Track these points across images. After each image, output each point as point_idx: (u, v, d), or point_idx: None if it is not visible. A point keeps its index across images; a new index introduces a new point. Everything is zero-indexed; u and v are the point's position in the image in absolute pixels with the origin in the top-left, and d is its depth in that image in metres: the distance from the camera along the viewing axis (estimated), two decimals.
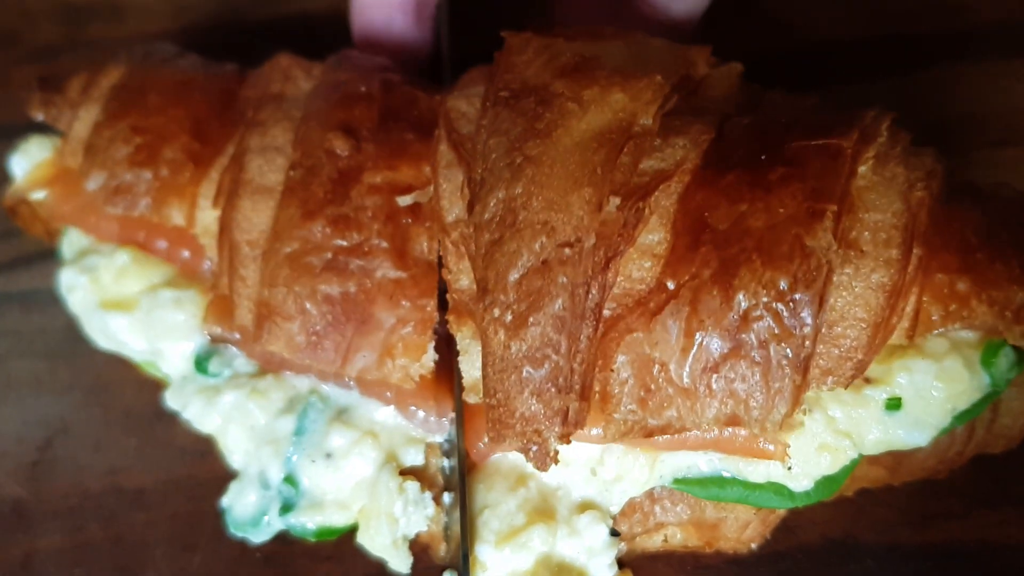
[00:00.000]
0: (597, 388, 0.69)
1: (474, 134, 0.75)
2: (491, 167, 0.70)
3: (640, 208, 0.68)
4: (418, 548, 0.82)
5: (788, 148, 0.69)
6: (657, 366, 0.67)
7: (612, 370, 0.68)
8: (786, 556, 0.82)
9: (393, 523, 0.79)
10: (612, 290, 0.68)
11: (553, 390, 0.65)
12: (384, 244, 0.76)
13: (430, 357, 0.76)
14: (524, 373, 0.65)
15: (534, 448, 0.66)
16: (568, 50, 0.75)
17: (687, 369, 0.67)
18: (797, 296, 0.65)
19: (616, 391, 0.68)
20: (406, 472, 0.81)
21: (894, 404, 0.73)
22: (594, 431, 0.70)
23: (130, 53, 0.93)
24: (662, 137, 0.71)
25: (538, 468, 0.67)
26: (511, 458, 0.80)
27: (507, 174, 0.68)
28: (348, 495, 0.81)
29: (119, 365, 0.92)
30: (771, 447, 0.72)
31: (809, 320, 0.65)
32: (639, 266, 0.69)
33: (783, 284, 0.65)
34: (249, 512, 0.82)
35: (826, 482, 0.75)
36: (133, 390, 0.92)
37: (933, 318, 0.71)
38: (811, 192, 0.67)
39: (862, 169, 0.70)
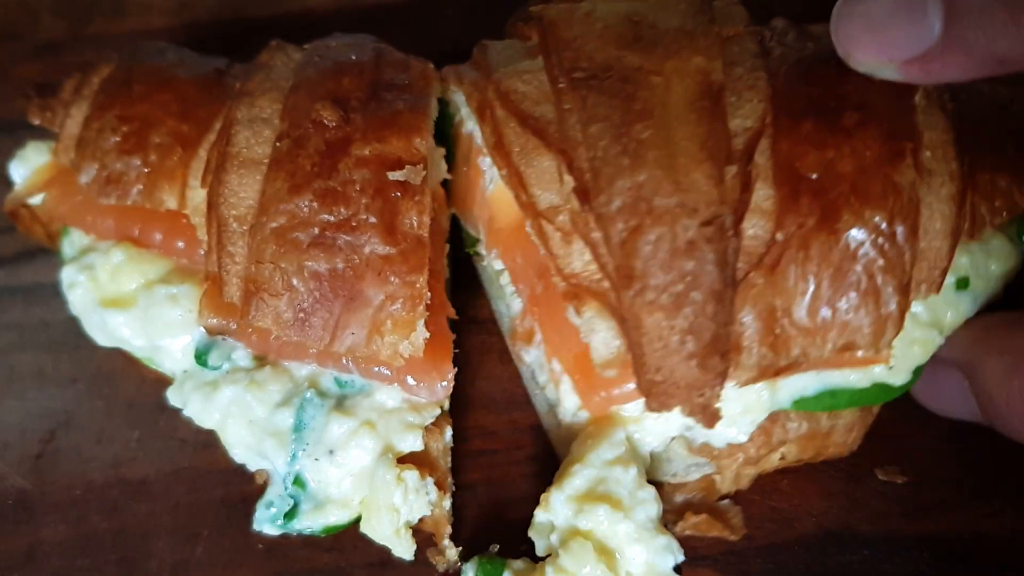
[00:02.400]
0: None
1: (557, 118, 0.75)
2: (602, 155, 0.71)
3: (748, 171, 0.72)
4: (422, 535, 0.82)
5: (852, 91, 0.74)
6: (780, 312, 0.73)
7: (741, 323, 0.72)
8: (783, 547, 0.83)
9: (394, 513, 0.79)
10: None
11: (717, 357, 0.70)
12: (372, 219, 0.76)
13: (420, 334, 0.75)
14: (687, 347, 0.70)
15: (701, 410, 0.71)
16: (609, 15, 0.76)
17: (805, 310, 0.73)
18: (896, 229, 0.72)
19: (746, 343, 0.73)
20: (405, 459, 0.81)
21: (963, 284, 0.82)
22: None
23: (121, 53, 0.93)
24: (736, 93, 0.74)
25: (707, 427, 0.72)
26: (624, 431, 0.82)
27: (625, 160, 0.70)
28: (349, 490, 0.81)
29: (122, 357, 0.92)
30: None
31: (907, 248, 0.72)
32: (752, 224, 0.72)
33: (881, 221, 0.71)
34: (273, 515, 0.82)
35: (917, 370, 0.83)
36: (136, 382, 0.93)
37: (984, 214, 0.79)
38: (888, 132, 0.72)
39: (916, 98, 0.75)
